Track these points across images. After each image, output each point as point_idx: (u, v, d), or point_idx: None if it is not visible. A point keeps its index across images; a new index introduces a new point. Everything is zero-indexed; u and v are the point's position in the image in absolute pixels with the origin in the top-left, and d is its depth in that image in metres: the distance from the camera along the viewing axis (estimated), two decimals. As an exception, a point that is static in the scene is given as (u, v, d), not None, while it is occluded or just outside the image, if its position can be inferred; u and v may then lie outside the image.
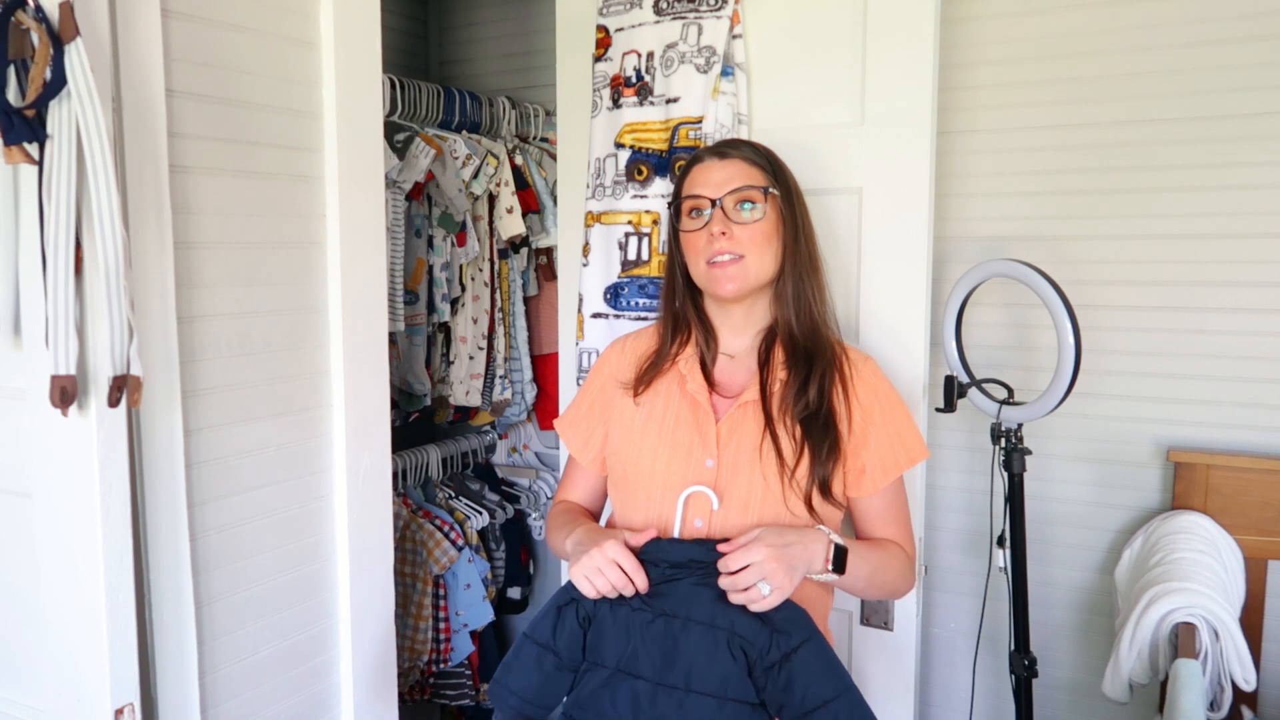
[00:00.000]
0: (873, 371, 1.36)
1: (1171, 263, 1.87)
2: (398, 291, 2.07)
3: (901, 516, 1.38)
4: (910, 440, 1.35)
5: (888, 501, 1.35)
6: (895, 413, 1.34)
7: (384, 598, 1.56)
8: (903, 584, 1.36)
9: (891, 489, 1.35)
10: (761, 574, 1.12)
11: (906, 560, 1.35)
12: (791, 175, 1.38)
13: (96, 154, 1.02)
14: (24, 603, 1.22)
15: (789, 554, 1.15)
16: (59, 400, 1.05)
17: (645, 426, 1.34)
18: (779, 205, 1.32)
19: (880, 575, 1.31)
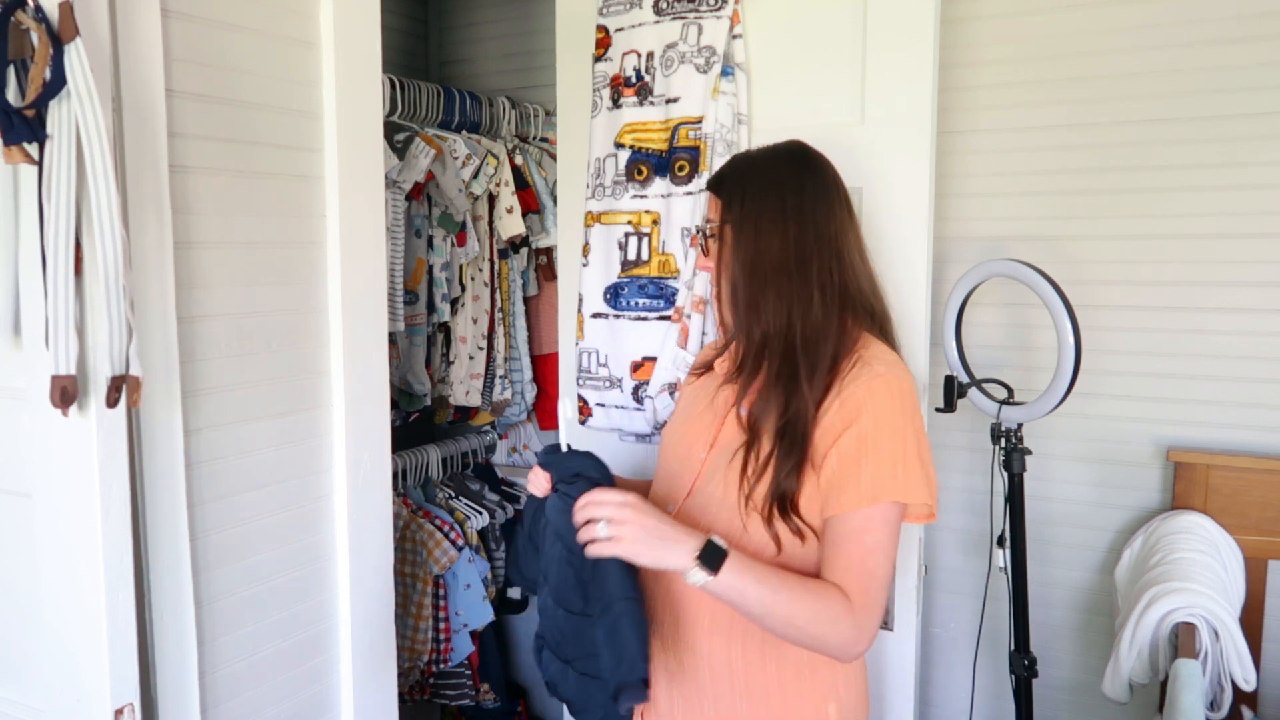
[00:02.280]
0: (869, 390, 1.19)
1: (1171, 263, 1.87)
2: (398, 291, 2.07)
3: (855, 560, 1.16)
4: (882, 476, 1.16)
5: (840, 535, 1.18)
6: (875, 440, 1.17)
7: (384, 598, 1.56)
8: (831, 632, 1.15)
9: (848, 523, 1.17)
10: (607, 515, 1.11)
11: (841, 607, 1.14)
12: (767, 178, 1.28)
13: (96, 154, 1.01)
14: (24, 603, 1.22)
15: (652, 522, 1.12)
16: (59, 400, 1.05)
17: (680, 415, 1.41)
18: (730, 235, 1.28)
19: (786, 607, 1.13)
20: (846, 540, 1.17)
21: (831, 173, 1.32)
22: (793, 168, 1.29)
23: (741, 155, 1.35)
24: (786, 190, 1.27)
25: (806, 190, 1.28)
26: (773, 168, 1.29)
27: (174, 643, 1.23)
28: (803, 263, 1.24)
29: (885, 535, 1.17)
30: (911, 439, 1.19)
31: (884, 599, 1.18)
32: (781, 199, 1.26)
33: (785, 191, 1.27)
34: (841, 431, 1.18)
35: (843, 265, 1.27)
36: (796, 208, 1.26)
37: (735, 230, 1.27)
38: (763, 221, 1.25)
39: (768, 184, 1.28)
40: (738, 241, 1.26)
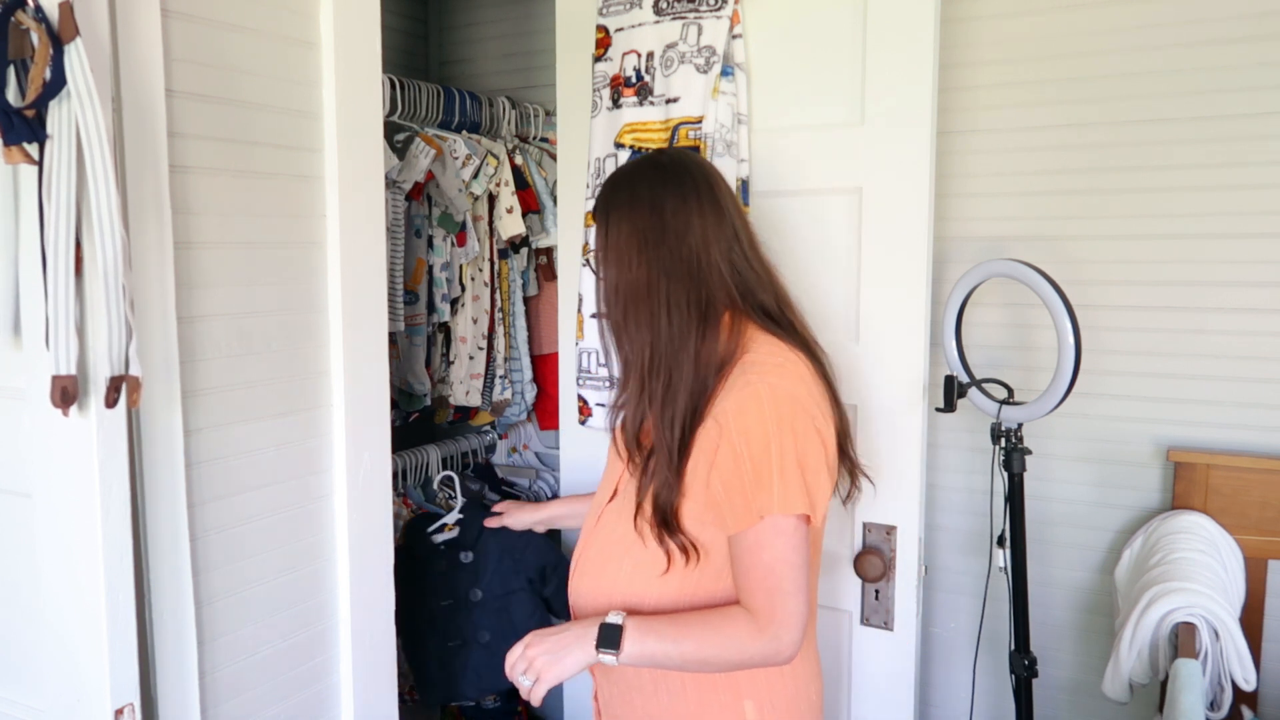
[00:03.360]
0: (736, 406, 1.20)
1: (1171, 263, 1.87)
2: (398, 291, 2.07)
3: (757, 574, 1.19)
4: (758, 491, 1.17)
5: (739, 552, 1.21)
6: (749, 457, 1.18)
7: (384, 598, 1.56)
8: (743, 659, 1.20)
9: (745, 540, 1.20)
10: (522, 668, 1.22)
11: (746, 629, 1.19)
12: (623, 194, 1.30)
13: (96, 154, 1.01)
14: (24, 603, 1.22)
15: (549, 642, 1.22)
16: (59, 400, 1.05)
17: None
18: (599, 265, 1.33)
19: (695, 650, 1.19)
20: (746, 557, 1.20)
21: (695, 178, 1.30)
22: (651, 186, 1.29)
23: (611, 178, 1.36)
24: (642, 214, 1.28)
25: (666, 209, 1.27)
26: (631, 191, 1.30)
27: (174, 643, 1.23)
28: (656, 286, 1.25)
29: (783, 546, 1.18)
30: (788, 449, 1.18)
31: (797, 604, 1.19)
32: (636, 225, 1.28)
33: (641, 216, 1.28)
34: (716, 450, 1.21)
35: (709, 275, 1.26)
36: (653, 231, 1.26)
37: (601, 260, 1.31)
38: (621, 249, 1.29)
39: (626, 209, 1.30)
40: (605, 271, 1.31)
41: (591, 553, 1.38)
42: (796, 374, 1.23)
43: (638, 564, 1.30)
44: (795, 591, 1.19)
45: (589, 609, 1.36)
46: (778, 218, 1.76)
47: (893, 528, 1.70)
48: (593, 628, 1.21)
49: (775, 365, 1.23)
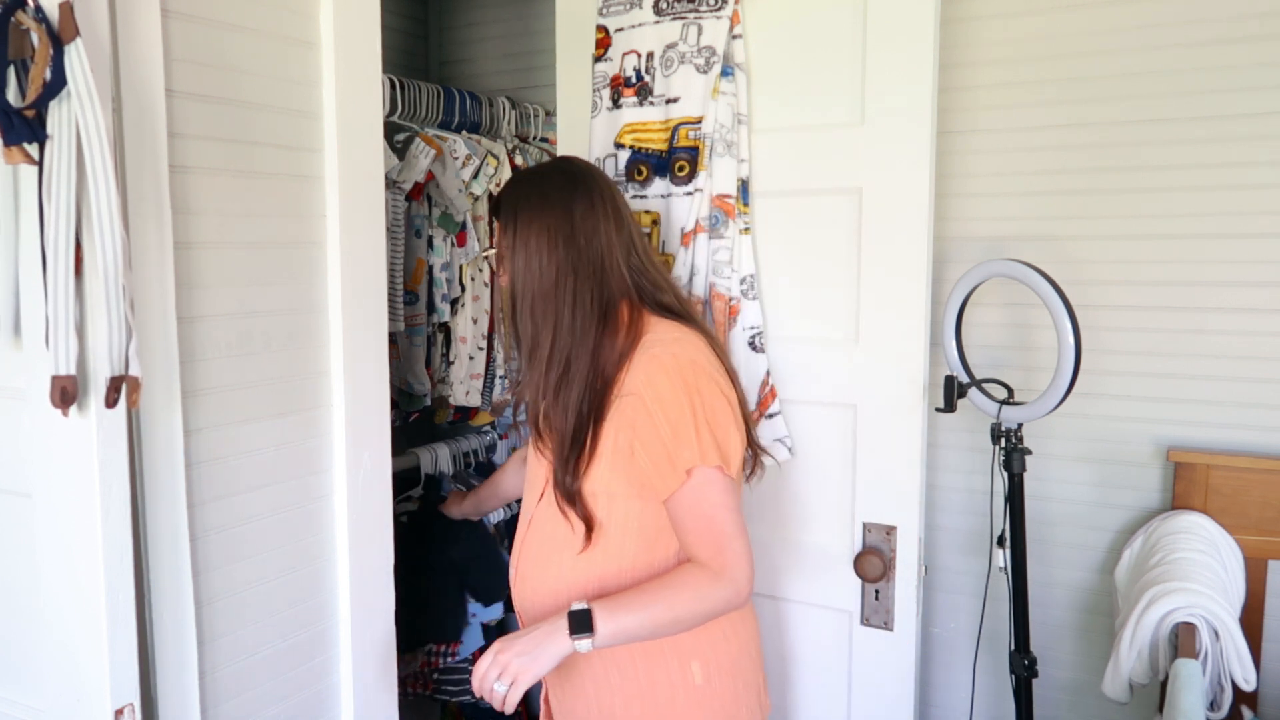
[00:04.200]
0: (645, 376, 1.30)
1: (1171, 263, 1.87)
2: (398, 291, 2.07)
3: (701, 526, 1.28)
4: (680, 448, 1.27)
5: (679, 512, 1.30)
6: (664, 420, 1.28)
7: (384, 598, 1.56)
8: (710, 604, 1.27)
9: (682, 499, 1.29)
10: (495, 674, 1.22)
11: (704, 577, 1.27)
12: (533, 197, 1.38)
13: (96, 154, 1.01)
14: (24, 603, 1.22)
15: (521, 645, 1.23)
16: (59, 400, 1.05)
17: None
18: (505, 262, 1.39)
19: (667, 613, 1.25)
20: (686, 516, 1.29)
21: (600, 186, 1.41)
22: (561, 190, 1.37)
23: (516, 179, 1.43)
24: (554, 215, 1.36)
25: (576, 212, 1.36)
26: (541, 193, 1.38)
27: (174, 643, 1.23)
28: (563, 283, 1.35)
29: (716, 493, 1.28)
30: (697, 407, 1.28)
31: (743, 544, 1.29)
32: (547, 225, 1.36)
33: (552, 217, 1.36)
34: (634, 421, 1.29)
35: (611, 276, 1.37)
36: (563, 231, 1.36)
37: (509, 257, 1.37)
38: (530, 248, 1.35)
39: (536, 210, 1.37)
40: (511, 268, 1.37)
41: (529, 556, 1.44)
42: (694, 344, 1.34)
43: (575, 554, 1.37)
44: (737, 533, 1.29)
45: (537, 612, 1.42)
46: (778, 218, 1.76)
47: (893, 528, 1.70)
48: (560, 619, 1.24)
49: (674, 339, 1.34)
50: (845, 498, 1.75)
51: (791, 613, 1.84)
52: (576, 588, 1.37)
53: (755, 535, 1.81)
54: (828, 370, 1.74)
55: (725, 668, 1.40)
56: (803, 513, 1.80)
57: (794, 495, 1.81)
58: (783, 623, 1.85)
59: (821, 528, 1.78)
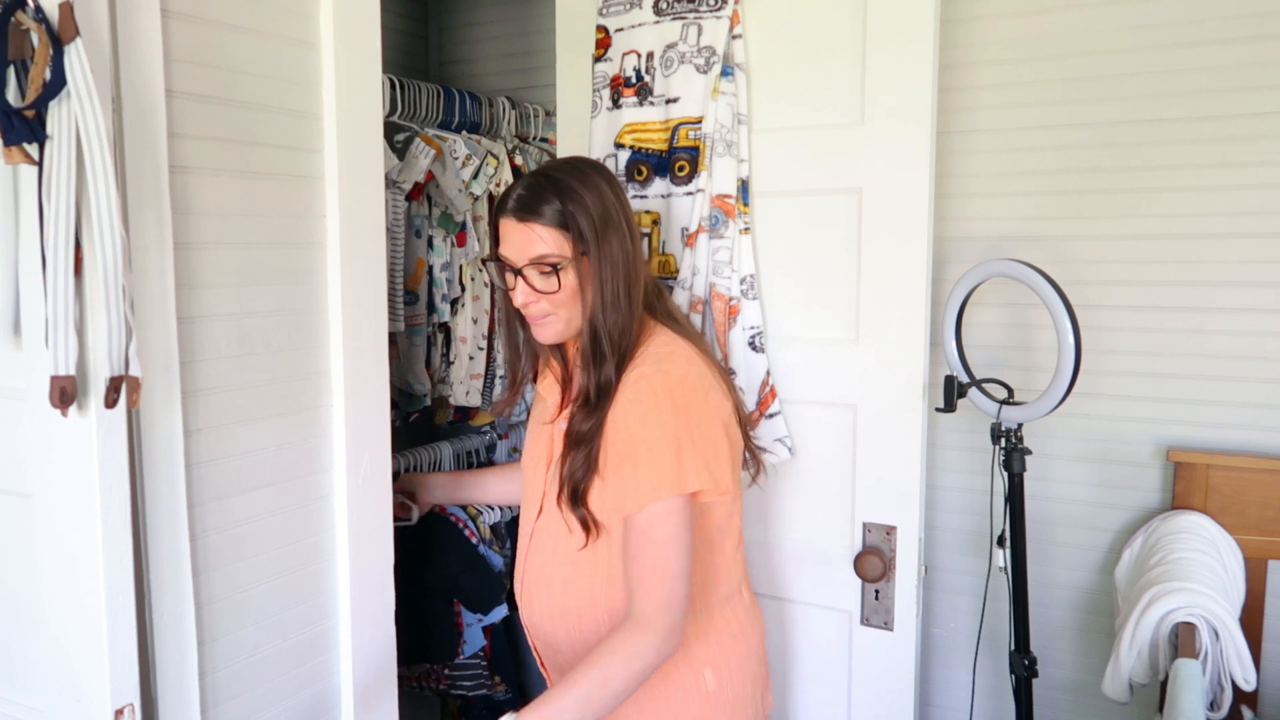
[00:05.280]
0: (632, 397, 1.28)
1: (1171, 263, 1.87)
2: (398, 291, 2.07)
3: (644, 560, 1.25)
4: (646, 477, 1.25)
5: (632, 536, 1.27)
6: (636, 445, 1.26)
7: (384, 598, 1.56)
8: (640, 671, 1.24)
9: (635, 525, 1.26)
10: None
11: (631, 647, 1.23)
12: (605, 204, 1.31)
13: (96, 154, 1.01)
14: (24, 603, 1.22)
15: None
16: (59, 401, 1.05)
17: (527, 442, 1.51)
18: (579, 265, 1.31)
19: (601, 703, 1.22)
20: (637, 539, 1.26)
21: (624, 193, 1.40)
22: (607, 184, 1.35)
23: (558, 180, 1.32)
24: (613, 208, 1.33)
25: (623, 204, 1.35)
26: (597, 189, 1.32)
27: (174, 643, 1.23)
28: (637, 279, 1.34)
29: (673, 527, 1.24)
30: (682, 430, 1.25)
31: (676, 588, 1.25)
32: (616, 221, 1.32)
33: (613, 210, 1.33)
34: (614, 436, 1.28)
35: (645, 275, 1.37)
36: (626, 224, 1.34)
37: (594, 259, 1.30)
38: (612, 245, 1.31)
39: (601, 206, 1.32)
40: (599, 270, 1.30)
41: (535, 572, 1.43)
42: (685, 357, 1.32)
43: (578, 566, 1.36)
44: (678, 576, 1.25)
45: (548, 627, 1.42)
46: (778, 218, 1.76)
47: (893, 528, 1.70)
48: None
49: (666, 354, 1.32)
50: (845, 498, 1.75)
51: (792, 612, 1.84)
52: (584, 595, 1.36)
53: (755, 535, 1.81)
54: (828, 370, 1.74)
55: (735, 671, 1.39)
56: (803, 513, 1.80)
57: (794, 495, 1.81)
58: (783, 622, 1.85)
59: (821, 528, 1.78)
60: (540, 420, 1.49)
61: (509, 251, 1.34)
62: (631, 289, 1.32)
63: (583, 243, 1.30)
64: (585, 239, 1.30)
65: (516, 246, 1.32)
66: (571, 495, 1.32)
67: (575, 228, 1.29)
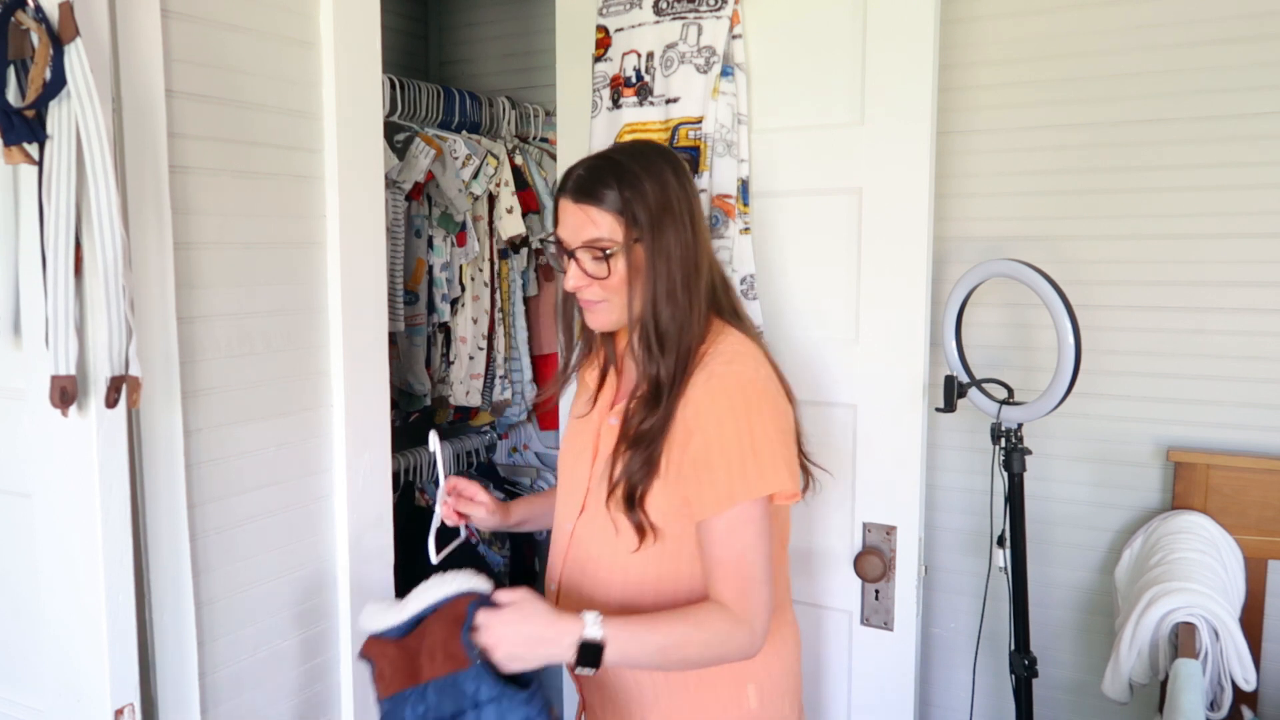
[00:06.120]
0: (709, 393, 1.23)
1: (1171, 263, 1.87)
2: (398, 291, 2.07)
3: (730, 561, 1.20)
4: (737, 475, 1.19)
5: (711, 540, 1.22)
6: (722, 442, 1.21)
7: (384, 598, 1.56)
8: (727, 650, 1.19)
9: (717, 528, 1.21)
10: (486, 641, 1.12)
11: (725, 622, 1.19)
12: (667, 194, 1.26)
13: (96, 154, 1.02)
14: (24, 603, 1.22)
15: (526, 635, 1.13)
16: (59, 400, 1.05)
17: (565, 437, 1.44)
18: (631, 252, 1.25)
19: (678, 653, 1.17)
20: (718, 545, 1.21)
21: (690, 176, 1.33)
22: (673, 173, 1.29)
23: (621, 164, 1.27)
24: (675, 198, 1.27)
25: (688, 194, 1.29)
26: (660, 178, 1.27)
27: (174, 643, 1.23)
28: (697, 273, 1.27)
29: (754, 533, 1.21)
30: (759, 432, 1.21)
31: (766, 593, 1.21)
32: (676, 212, 1.26)
33: (675, 200, 1.27)
34: (688, 438, 1.22)
35: (711, 266, 1.31)
36: (689, 216, 1.28)
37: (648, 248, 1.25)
38: (669, 236, 1.25)
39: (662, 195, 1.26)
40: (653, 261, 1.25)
41: (574, 573, 1.36)
42: (754, 358, 1.28)
43: (627, 570, 1.29)
44: (765, 581, 1.22)
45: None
46: (778, 218, 1.76)
47: (893, 528, 1.70)
48: (571, 636, 1.13)
49: (735, 353, 1.27)
50: (845, 498, 1.75)
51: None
52: (633, 600, 1.29)
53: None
54: (828, 370, 1.74)
55: (775, 687, 1.34)
56: (803, 512, 1.80)
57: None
58: (783, 623, 1.85)
59: (821, 528, 1.78)
60: (579, 413, 1.42)
61: (564, 232, 1.28)
62: (691, 283, 1.26)
63: (637, 230, 1.24)
64: (640, 226, 1.24)
65: (571, 228, 1.27)
66: (627, 497, 1.25)
67: (630, 214, 1.23)
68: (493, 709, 1.10)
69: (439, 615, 1.15)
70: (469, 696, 1.11)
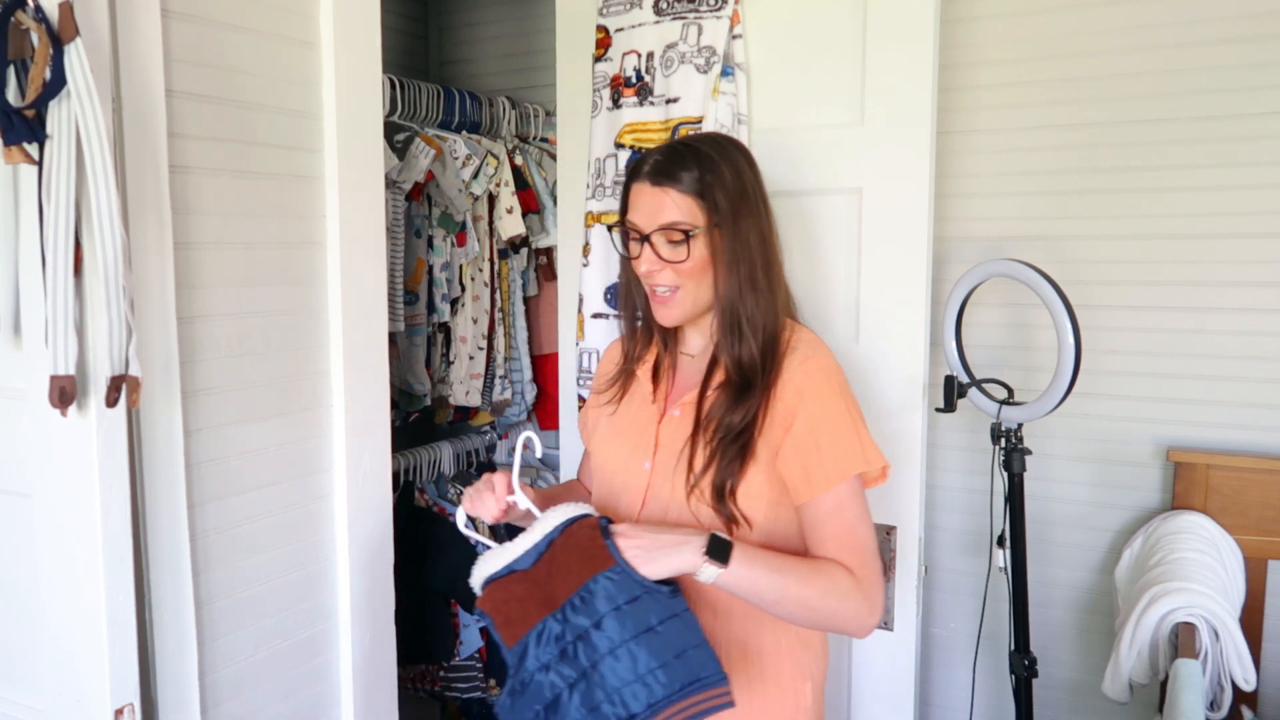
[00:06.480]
0: (807, 374, 1.23)
1: (1171, 263, 1.87)
2: (398, 291, 2.07)
3: (844, 536, 1.20)
4: (843, 451, 1.21)
5: (821, 517, 1.21)
6: (826, 421, 1.21)
7: (384, 598, 1.56)
8: (845, 607, 1.16)
9: (825, 504, 1.21)
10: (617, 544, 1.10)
11: (848, 581, 1.17)
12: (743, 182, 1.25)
13: (96, 154, 1.02)
14: (24, 603, 1.22)
15: (649, 539, 1.11)
16: (58, 400, 1.05)
17: (610, 432, 1.38)
18: (710, 237, 1.23)
19: (798, 588, 1.14)
20: (830, 520, 1.21)
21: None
22: (747, 163, 1.28)
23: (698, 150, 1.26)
24: (751, 186, 1.26)
25: (761, 184, 1.29)
26: (736, 166, 1.26)
27: (174, 643, 1.23)
28: (775, 267, 1.27)
29: (861, 507, 1.22)
30: (854, 412, 1.24)
31: (879, 568, 1.21)
32: (753, 199, 1.26)
33: (750, 188, 1.26)
34: (791, 421, 1.22)
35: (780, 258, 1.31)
36: (764, 205, 1.28)
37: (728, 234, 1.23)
38: (747, 222, 1.24)
39: (739, 181, 1.25)
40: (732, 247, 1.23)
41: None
42: (826, 348, 1.30)
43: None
44: (876, 554, 1.21)
45: None
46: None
47: (893, 528, 1.70)
48: (697, 535, 1.12)
49: (816, 344, 1.29)
50: (845, 498, 1.75)
51: (791, 613, 1.84)
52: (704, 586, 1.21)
53: (755, 535, 1.81)
54: (828, 370, 1.74)
55: (820, 687, 1.33)
56: (803, 513, 1.80)
57: (794, 495, 1.80)
58: (783, 623, 1.85)
59: (821, 528, 1.78)
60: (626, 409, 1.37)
61: (638, 217, 1.25)
62: (771, 271, 1.26)
63: (717, 215, 1.22)
64: (720, 211, 1.22)
65: (647, 212, 1.24)
66: (717, 490, 1.22)
67: (711, 198, 1.22)
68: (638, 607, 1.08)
69: (565, 538, 1.13)
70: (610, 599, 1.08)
